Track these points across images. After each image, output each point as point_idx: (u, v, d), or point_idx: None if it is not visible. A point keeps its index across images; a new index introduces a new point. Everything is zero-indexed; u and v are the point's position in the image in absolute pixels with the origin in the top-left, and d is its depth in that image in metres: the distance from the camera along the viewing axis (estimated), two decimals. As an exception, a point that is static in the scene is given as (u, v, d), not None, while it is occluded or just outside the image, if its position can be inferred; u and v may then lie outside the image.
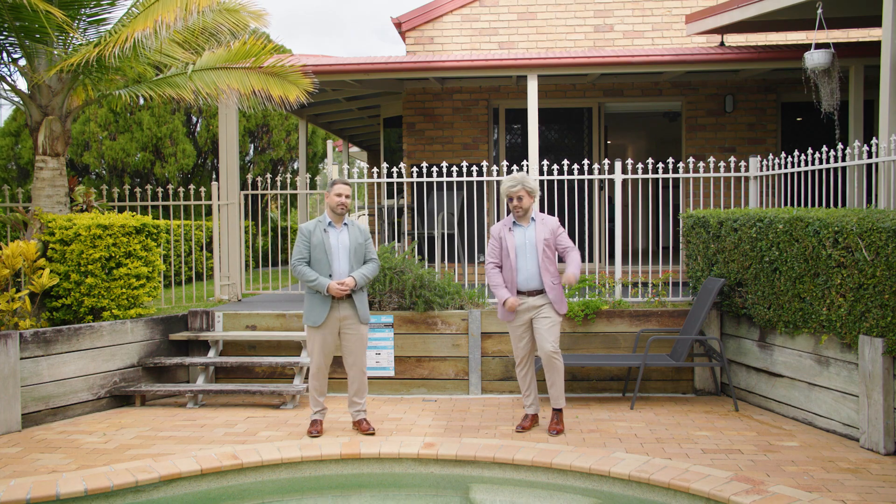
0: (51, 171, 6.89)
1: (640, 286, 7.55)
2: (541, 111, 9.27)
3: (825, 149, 6.46)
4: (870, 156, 6.19)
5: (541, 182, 8.68)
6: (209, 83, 6.97)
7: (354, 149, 17.18)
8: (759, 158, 7.49)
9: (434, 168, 7.83)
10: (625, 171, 11.82)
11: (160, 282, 7.47)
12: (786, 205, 7.50)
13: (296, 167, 17.11)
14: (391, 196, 11.02)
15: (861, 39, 9.30)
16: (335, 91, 10.22)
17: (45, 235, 6.66)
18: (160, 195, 8.39)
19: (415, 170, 7.80)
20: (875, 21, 7.87)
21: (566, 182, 7.71)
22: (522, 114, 9.95)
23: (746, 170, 7.89)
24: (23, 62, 6.93)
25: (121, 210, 8.60)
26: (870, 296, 4.99)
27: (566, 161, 7.55)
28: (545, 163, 7.59)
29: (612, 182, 9.11)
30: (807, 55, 7.28)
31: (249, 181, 8.38)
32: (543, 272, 5.49)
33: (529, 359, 5.65)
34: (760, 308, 6.08)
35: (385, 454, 5.04)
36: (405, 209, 9.67)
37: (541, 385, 6.50)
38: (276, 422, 6.01)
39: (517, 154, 10.32)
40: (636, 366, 6.42)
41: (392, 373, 6.97)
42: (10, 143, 14.68)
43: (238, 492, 4.77)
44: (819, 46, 7.39)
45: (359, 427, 5.59)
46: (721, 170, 7.60)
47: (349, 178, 7.93)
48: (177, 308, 7.71)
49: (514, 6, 10.76)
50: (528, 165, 7.63)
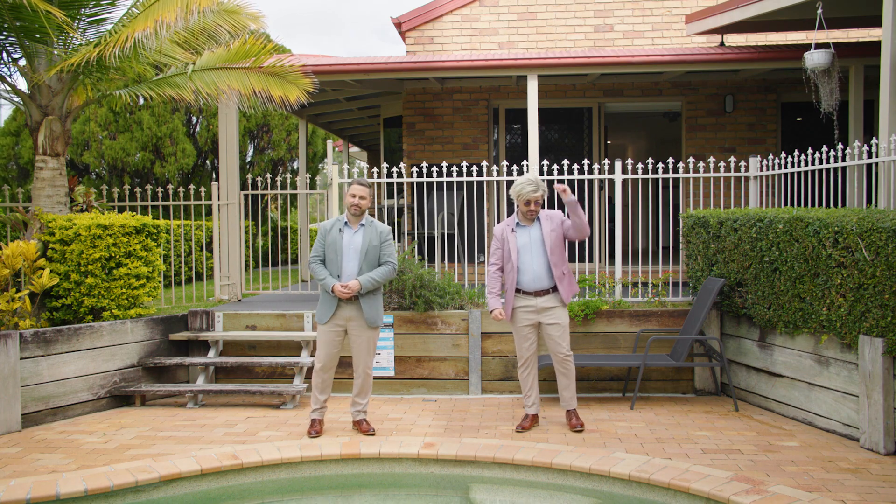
0: (51, 171, 6.89)
1: (640, 286, 7.55)
2: (541, 111, 9.27)
3: (825, 149, 6.46)
4: (870, 156, 6.19)
5: (541, 182, 8.67)
6: (209, 83, 6.98)
7: (354, 149, 17.18)
8: (759, 158, 7.48)
9: (434, 168, 7.83)
10: (625, 171, 11.82)
11: (160, 282, 7.47)
12: (786, 205, 7.50)
13: (296, 167, 17.11)
14: (391, 196, 11.02)
15: (861, 39, 9.30)
16: (335, 91, 10.22)
17: (45, 235, 6.66)
18: (160, 195, 8.39)
19: (415, 170, 7.80)
20: (875, 21, 7.87)
21: (566, 182, 7.70)
22: (522, 114, 9.95)
23: (746, 170, 7.89)
24: (23, 62, 6.93)
25: (121, 210, 8.61)
26: (870, 296, 4.99)
27: (566, 161, 7.54)
28: (545, 163, 7.58)
29: (612, 182, 9.11)
30: (807, 55, 7.28)
31: (249, 181, 8.39)
32: (553, 268, 5.45)
33: (533, 359, 5.64)
34: (760, 308, 6.08)
35: (385, 454, 5.04)
36: (405, 209, 9.67)
37: (541, 385, 6.50)
38: (276, 422, 6.01)
39: (517, 154, 10.32)
40: (636, 366, 6.42)
41: (392, 373, 6.98)
42: (10, 143, 14.67)
43: (238, 492, 4.77)
44: (819, 46, 7.39)
45: (359, 427, 5.59)
46: (721, 170, 7.59)
47: (365, 178, 7.93)
48: (177, 308, 7.71)
49: (514, 6, 10.75)
50: (528, 165, 7.63)
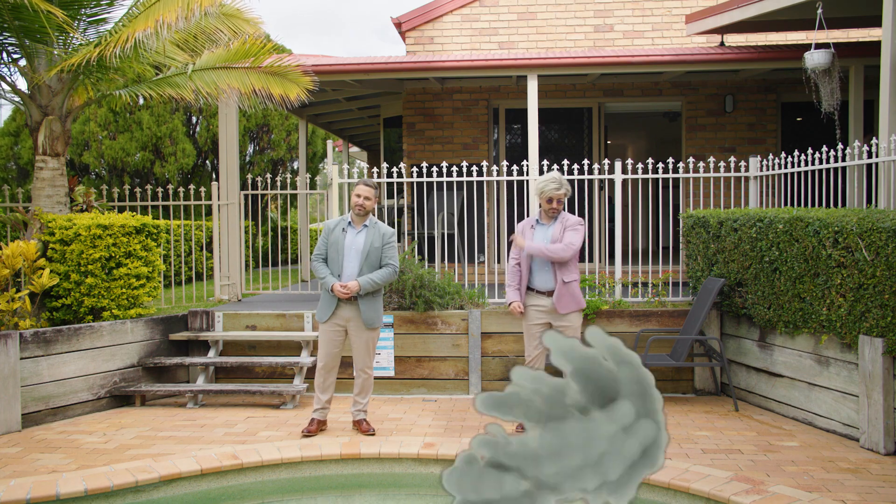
0: (51, 171, 6.89)
1: (640, 286, 7.54)
2: (541, 111, 9.26)
3: (825, 149, 6.46)
4: (870, 156, 6.18)
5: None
6: (209, 82, 6.98)
7: (354, 149, 17.17)
8: (759, 158, 7.48)
9: (434, 168, 7.83)
10: (625, 171, 11.81)
11: (160, 282, 7.47)
12: (786, 205, 7.49)
13: (296, 167, 17.11)
14: (391, 196, 11.01)
15: (861, 39, 9.30)
16: (335, 91, 10.22)
17: (45, 235, 6.65)
18: (160, 195, 8.39)
19: (415, 170, 7.80)
20: (875, 21, 7.86)
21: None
22: (522, 114, 9.95)
23: (746, 170, 7.88)
24: (23, 62, 6.93)
25: (121, 210, 8.60)
26: (870, 296, 4.99)
27: (566, 161, 7.54)
28: (545, 163, 7.57)
29: (612, 182, 9.10)
30: (807, 55, 7.28)
31: (249, 181, 8.39)
32: (557, 271, 5.45)
33: (539, 361, 5.63)
34: (760, 308, 6.08)
35: (385, 454, 5.04)
36: (405, 209, 9.67)
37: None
38: (276, 422, 6.01)
39: (517, 154, 10.31)
40: (636, 366, 6.41)
41: (392, 373, 6.97)
42: (10, 143, 14.68)
43: (238, 492, 4.76)
44: (819, 46, 7.39)
45: (359, 427, 5.59)
46: (721, 170, 7.59)
47: (372, 179, 7.93)
48: (177, 308, 7.71)
49: (514, 6, 10.75)
50: (529, 165, 7.63)
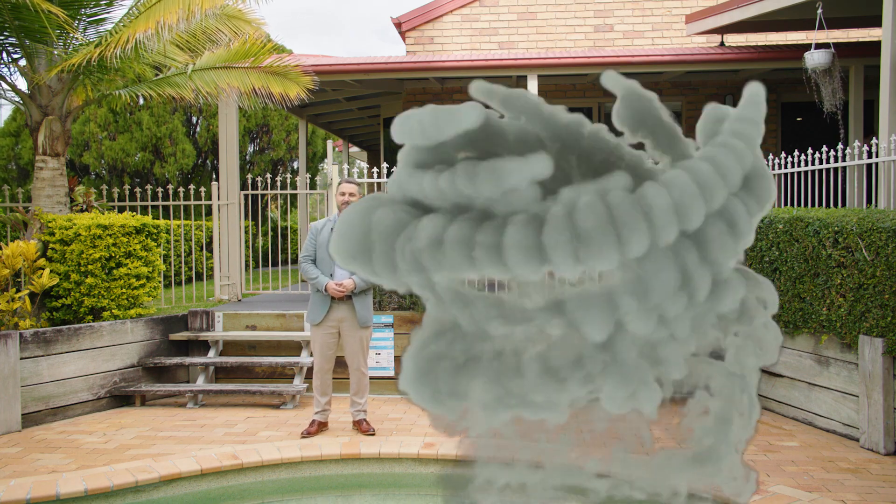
0: (51, 171, 6.89)
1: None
2: (541, 111, 9.26)
3: (825, 149, 6.46)
4: (870, 156, 6.19)
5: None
6: (209, 82, 6.98)
7: (354, 149, 17.18)
8: (759, 158, 7.47)
9: (434, 168, 7.82)
10: (625, 171, 11.81)
11: (160, 282, 7.47)
12: (786, 205, 7.49)
13: (296, 167, 17.12)
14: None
15: (861, 39, 9.30)
16: (335, 91, 10.22)
17: (45, 235, 6.65)
18: (160, 195, 8.39)
19: (415, 170, 7.79)
20: (875, 21, 7.87)
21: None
22: (522, 114, 9.94)
23: (746, 170, 7.88)
24: (23, 62, 6.93)
25: (121, 210, 8.60)
26: (870, 296, 4.99)
27: (566, 161, 7.53)
28: (545, 163, 7.58)
29: (612, 182, 9.10)
30: (807, 55, 7.28)
31: (249, 181, 8.38)
32: None
33: None
34: (760, 308, 6.07)
35: (385, 454, 5.04)
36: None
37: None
38: (276, 422, 6.01)
39: (517, 154, 10.30)
40: (636, 366, 6.41)
41: (392, 373, 6.97)
42: (10, 143, 14.69)
43: (238, 492, 4.76)
44: (819, 46, 7.39)
45: (359, 427, 5.59)
46: (721, 170, 7.58)
47: (357, 178, 7.93)
48: (177, 308, 7.71)
49: (514, 6, 10.75)
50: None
